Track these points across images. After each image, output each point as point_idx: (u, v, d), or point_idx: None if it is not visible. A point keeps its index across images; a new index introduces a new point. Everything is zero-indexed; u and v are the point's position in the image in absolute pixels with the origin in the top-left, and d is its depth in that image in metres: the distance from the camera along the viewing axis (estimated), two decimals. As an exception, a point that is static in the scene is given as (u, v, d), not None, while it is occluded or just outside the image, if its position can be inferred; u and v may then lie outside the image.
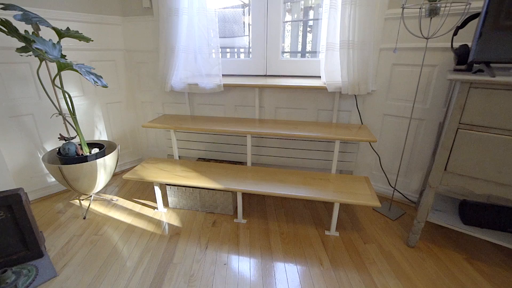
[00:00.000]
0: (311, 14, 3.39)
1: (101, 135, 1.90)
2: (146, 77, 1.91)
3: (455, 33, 1.18)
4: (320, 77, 1.81)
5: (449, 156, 1.07)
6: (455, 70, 1.21)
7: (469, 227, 1.18)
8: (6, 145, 1.51)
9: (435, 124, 1.45)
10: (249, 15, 1.97)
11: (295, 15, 3.48)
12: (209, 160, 1.90)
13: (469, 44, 1.28)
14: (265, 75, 1.90)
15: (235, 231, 1.40)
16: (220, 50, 1.65)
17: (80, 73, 1.03)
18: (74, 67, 1.05)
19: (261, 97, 1.76)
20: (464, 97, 0.99)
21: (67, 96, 1.26)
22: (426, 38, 1.19)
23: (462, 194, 1.47)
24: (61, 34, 1.17)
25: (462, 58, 1.18)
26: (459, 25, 1.17)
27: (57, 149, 1.49)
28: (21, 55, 1.41)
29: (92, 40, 1.28)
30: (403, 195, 1.65)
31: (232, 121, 1.71)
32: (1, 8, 1.05)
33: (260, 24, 1.76)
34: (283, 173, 1.52)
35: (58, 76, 1.27)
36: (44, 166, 1.65)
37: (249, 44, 2.25)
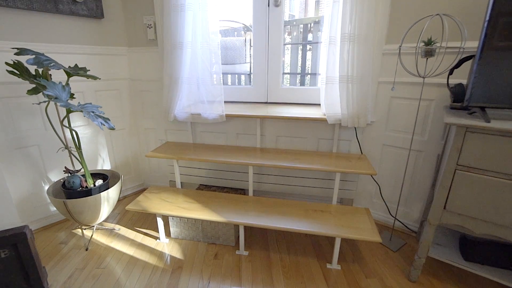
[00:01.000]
0: (310, 36, 3.47)
1: (104, 163, 1.92)
2: (150, 104, 1.95)
3: (450, 73, 1.22)
4: (319, 104, 1.85)
5: (448, 195, 1.09)
6: (452, 108, 1.24)
7: (470, 264, 1.18)
8: (12, 176, 1.53)
9: (434, 156, 1.47)
10: (250, 46, 2.03)
11: (294, 33, 3.55)
12: (210, 187, 1.92)
13: (465, 81, 1.32)
14: (266, 102, 1.95)
15: (237, 264, 1.40)
16: (222, 80, 1.70)
17: (89, 118, 1.07)
18: (83, 112, 1.08)
19: (262, 126, 1.79)
20: (460, 140, 1.01)
21: (74, 133, 1.30)
22: (422, 77, 1.23)
23: (462, 228, 1.48)
24: (70, 74, 1.21)
25: (458, 96, 1.22)
26: (454, 65, 1.21)
27: (62, 181, 1.51)
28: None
29: (100, 78, 1.32)
30: (403, 225, 1.65)
31: (234, 150, 1.73)
32: (15, 54, 1.10)
33: (262, 54, 1.82)
34: (284, 205, 1.53)
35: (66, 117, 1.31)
36: (47, 196, 1.67)
37: (250, 70, 2.31)
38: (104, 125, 1.14)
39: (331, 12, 1.42)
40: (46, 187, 1.68)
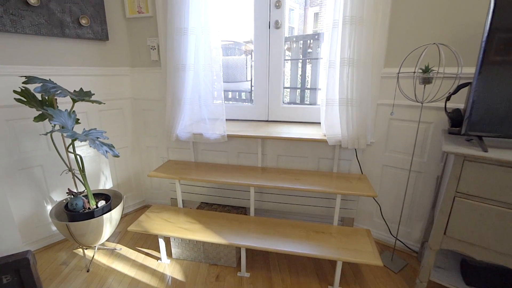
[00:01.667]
0: (311, 44, 3.52)
1: (106, 180, 1.93)
2: (152, 123, 1.98)
3: (448, 99, 1.25)
4: (319, 123, 1.88)
5: (447, 221, 1.10)
6: (450, 132, 1.27)
7: (472, 289, 1.19)
8: (15, 197, 1.54)
9: (434, 177, 1.49)
10: (251, 65, 2.07)
11: (294, 44, 3.61)
12: (212, 205, 1.93)
13: (463, 105, 1.35)
14: (267, 121, 1.97)
15: (239, 287, 1.40)
16: (224, 101, 1.72)
17: (95, 148, 1.09)
18: (88, 141, 1.10)
19: (263, 145, 1.81)
20: (459, 169, 1.03)
21: (78, 158, 1.32)
22: (421, 103, 1.26)
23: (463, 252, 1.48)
24: (75, 100, 1.24)
25: (456, 121, 1.25)
26: (451, 91, 1.24)
27: (65, 203, 1.52)
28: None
29: (104, 103, 1.35)
30: (404, 245, 1.66)
31: (235, 170, 1.75)
32: (24, 82, 1.13)
33: (263, 74, 1.85)
34: (285, 225, 1.54)
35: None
36: (50, 218, 1.67)
37: (251, 87, 2.34)
38: (108, 152, 1.16)
39: (331, 37, 1.46)
40: (49, 207, 1.68)
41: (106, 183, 1.94)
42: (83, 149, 1.76)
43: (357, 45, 1.41)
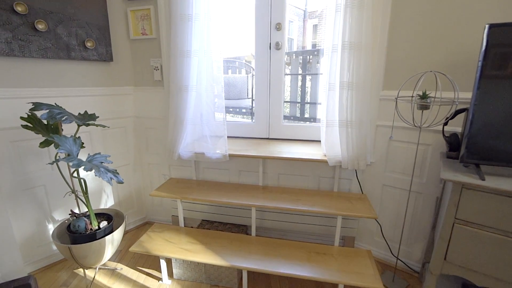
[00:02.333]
0: (309, 65, 3.58)
1: (108, 198, 1.94)
2: (154, 141, 2.00)
3: (445, 123, 1.28)
4: (320, 141, 1.90)
5: (447, 247, 1.11)
6: (448, 157, 1.29)
7: (474, 314, 1.19)
8: (17, 218, 1.55)
9: (433, 198, 1.51)
10: (252, 85, 2.11)
11: (293, 56, 3.66)
12: (213, 222, 1.93)
13: (460, 128, 1.37)
14: (268, 138, 2.00)
15: (240, 310, 1.40)
16: (225, 120, 1.75)
17: (100, 177, 1.11)
18: (93, 170, 1.12)
19: (264, 164, 1.83)
20: (457, 196, 1.05)
21: (82, 181, 1.34)
22: (419, 127, 1.29)
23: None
24: (80, 125, 1.26)
25: (453, 146, 1.27)
26: (448, 116, 1.27)
27: (67, 223, 1.53)
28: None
29: (108, 127, 1.38)
30: (406, 265, 1.66)
31: (236, 189, 1.76)
32: (31, 109, 1.15)
33: (263, 93, 1.89)
34: (287, 246, 1.54)
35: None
36: (51, 237, 1.67)
37: (252, 104, 2.38)
38: (113, 179, 1.17)
39: (330, 60, 1.50)
40: (50, 226, 1.69)
41: (107, 201, 1.95)
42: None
43: (356, 69, 1.45)
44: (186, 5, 1.59)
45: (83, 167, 1.09)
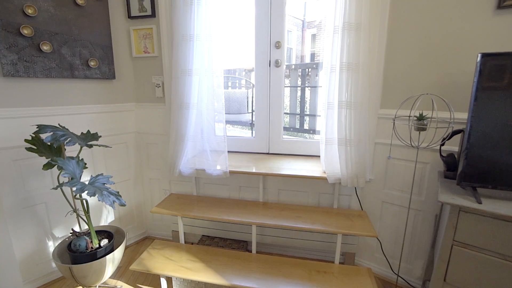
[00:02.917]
0: (308, 77, 3.63)
1: (108, 213, 1.95)
2: (155, 156, 2.02)
3: (442, 144, 1.30)
4: (319, 156, 1.92)
5: (447, 268, 1.12)
6: (445, 176, 1.31)
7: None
8: (18, 236, 1.55)
9: (432, 216, 1.52)
10: (252, 100, 2.15)
11: (293, 73, 3.70)
12: (213, 238, 1.94)
13: (457, 147, 1.40)
14: (268, 153, 2.02)
15: (241, 330, 1.39)
16: (226, 135, 1.76)
17: (103, 201, 1.12)
18: (97, 195, 1.13)
19: (264, 180, 1.84)
20: (455, 218, 1.06)
21: (84, 202, 1.35)
22: (416, 148, 1.31)
23: None
24: (83, 146, 1.28)
25: (450, 166, 1.29)
26: (445, 137, 1.29)
27: (67, 241, 1.53)
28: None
29: (111, 147, 1.40)
30: (406, 282, 1.66)
31: (237, 205, 1.77)
32: (35, 132, 1.17)
33: (263, 108, 1.92)
34: (287, 265, 1.55)
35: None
36: (52, 256, 1.67)
37: (252, 118, 2.41)
38: (115, 202, 1.19)
39: (329, 80, 1.54)
40: (50, 243, 1.69)
41: (108, 216, 1.95)
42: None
43: (354, 88, 1.48)
44: (187, 26, 1.63)
45: (86, 191, 1.10)
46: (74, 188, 1.09)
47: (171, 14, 1.73)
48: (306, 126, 3.77)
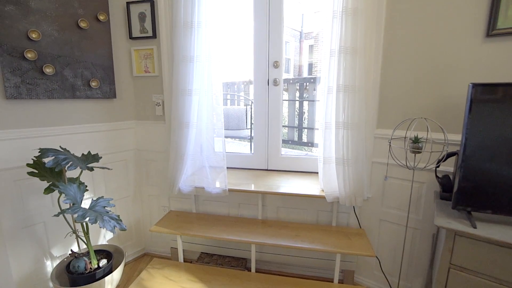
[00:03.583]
0: (306, 91, 3.69)
1: (107, 231, 1.94)
2: (155, 173, 2.03)
3: (437, 165, 1.33)
4: (317, 172, 1.93)
5: (445, 291, 1.13)
6: (441, 197, 1.33)
7: None
8: (16, 257, 1.54)
9: (430, 235, 1.53)
10: (251, 116, 2.19)
11: (291, 86, 3.76)
12: (212, 255, 1.93)
13: (452, 168, 1.42)
14: (267, 169, 2.04)
15: None
16: (225, 153, 1.78)
17: (104, 227, 1.13)
18: (98, 222, 1.14)
19: (263, 198, 1.86)
20: (451, 242, 1.08)
21: (84, 224, 1.36)
22: (412, 169, 1.34)
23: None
24: (84, 170, 1.30)
25: (446, 187, 1.32)
26: (440, 159, 1.32)
27: (66, 262, 1.53)
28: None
29: (111, 169, 1.41)
30: (405, 300, 1.66)
31: (236, 223, 1.78)
32: (37, 157, 1.19)
33: (262, 126, 1.95)
34: (287, 284, 1.55)
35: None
36: (50, 279, 1.66)
37: (251, 133, 2.44)
38: (116, 227, 1.20)
39: (326, 101, 1.57)
40: (48, 263, 1.68)
41: (106, 233, 1.95)
42: (85, 202, 1.79)
43: (350, 109, 1.51)
44: (188, 47, 1.67)
45: (88, 218, 1.12)
46: (75, 215, 1.10)
47: (172, 36, 1.77)
48: (304, 138, 3.80)
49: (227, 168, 2.05)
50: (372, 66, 1.52)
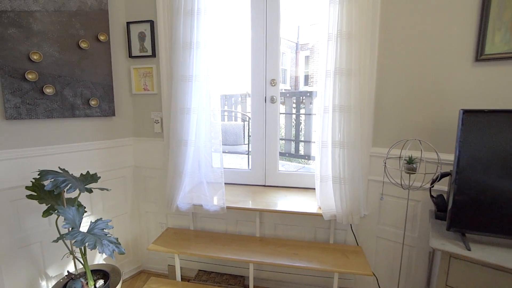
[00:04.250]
0: (302, 104, 3.73)
1: (104, 249, 1.92)
2: (153, 190, 2.03)
3: (431, 185, 1.36)
4: (314, 188, 1.95)
5: (442, 313, 1.14)
6: (437, 217, 1.35)
7: None
8: (10, 278, 1.52)
9: (426, 253, 1.55)
10: (249, 132, 2.21)
11: (288, 100, 3.80)
12: (210, 273, 1.92)
13: (446, 187, 1.45)
14: (264, 185, 2.05)
15: None
16: (223, 170, 1.80)
17: (103, 252, 1.13)
18: (97, 246, 1.14)
19: (261, 215, 1.86)
20: (446, 264, 1.10)
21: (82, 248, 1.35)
22: (407, 189, 1.36)
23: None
24: (82, 192, 1.30)
25: (440, 207, 1.34)
26: (434, 179, 1.35)
27: (62, 283, 1.51)
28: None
29: (110, 190, 1.42)
30: (404, 318, 1.66)
31: (234, 241, 1.78)
32: (37, 179, 1.20)
33: (260, 142, 1.97)
34: (285, 303, 1.54)
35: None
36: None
37: (248, 148, 2.46)
38: (115, 251, 1.20)
39: (322, 120, 1.60)
40: (43, 283, 1.65)
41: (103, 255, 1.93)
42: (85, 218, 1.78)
43: (346, 129, 1.54)
44: (187, 67, 1.70)
45: (87, 243, 1.12)
46: (74, 241, 1.10)
47: (171, 56, 1.80)
48: (301, 150, 3.83)
49: (225, 183, 2.06)
50: (366, 87, 1.56)
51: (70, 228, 1.13)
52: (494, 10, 1.24)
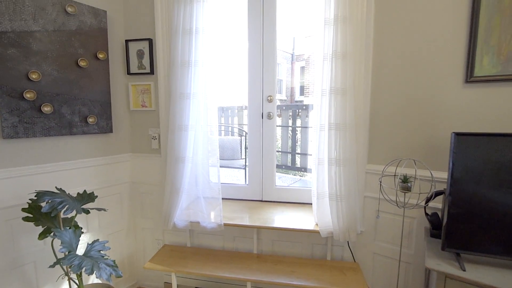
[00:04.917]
0: (298, 117, 3.77)
1: (99, 267, 1.90)
2: (149, 206, 2.02)
3: (426, 203, 1.38)
4: (311, 203, 1.96)
5: (439, 333, 1.14)
6: (432, 235, 1.37)
7: None
8: (3, 300, 1.49)
9: (422, 269, 1.56)
10: (246, 146, 2.23)
11: (284, 107, 3.83)
12: (207, 291, 1.90)
13: (441, 204, 1.48)
14: (261, 201, 2.05)
15: None
16: (220, 187, 1.80)
17: (100, 276, 1.12)
18: (94, 270, 1.13)
19: (258, 231, 1.86)
20: (442, 284, 1.11)
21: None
22: (402, 207, 1.38)
23: None
24: (80, 213, 1.30)
25: (435, 225, 1.36)
26: (429, 197, 1.37)
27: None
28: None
29: (107, 210, 1.41)
30: (402, 336, 1.65)
31: (231, 258, 1.77)
32: (33, 202, 1.19)
33: (257, 157, 1.99)
34: (283, 323, 1.53)
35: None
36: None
37: (245, 163, 2.48)
38: (112, 274, 1.18)
39: (318, 138, 1.63)
40: (36, 304, 1.62)
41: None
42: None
43: (342, 146, 1.57)
44: (185, 85, 1.73)
45: (84, 268, 1.10)
46: (70, 267, 1.09)
47: (169, 73, 1.83)
48: (297, 162, 3.85)
49: (222, 199, 2.06)
50: (361, 105, 1.60)
51: (67, 252, 1.12)
52: (481, 35, 1.29)
